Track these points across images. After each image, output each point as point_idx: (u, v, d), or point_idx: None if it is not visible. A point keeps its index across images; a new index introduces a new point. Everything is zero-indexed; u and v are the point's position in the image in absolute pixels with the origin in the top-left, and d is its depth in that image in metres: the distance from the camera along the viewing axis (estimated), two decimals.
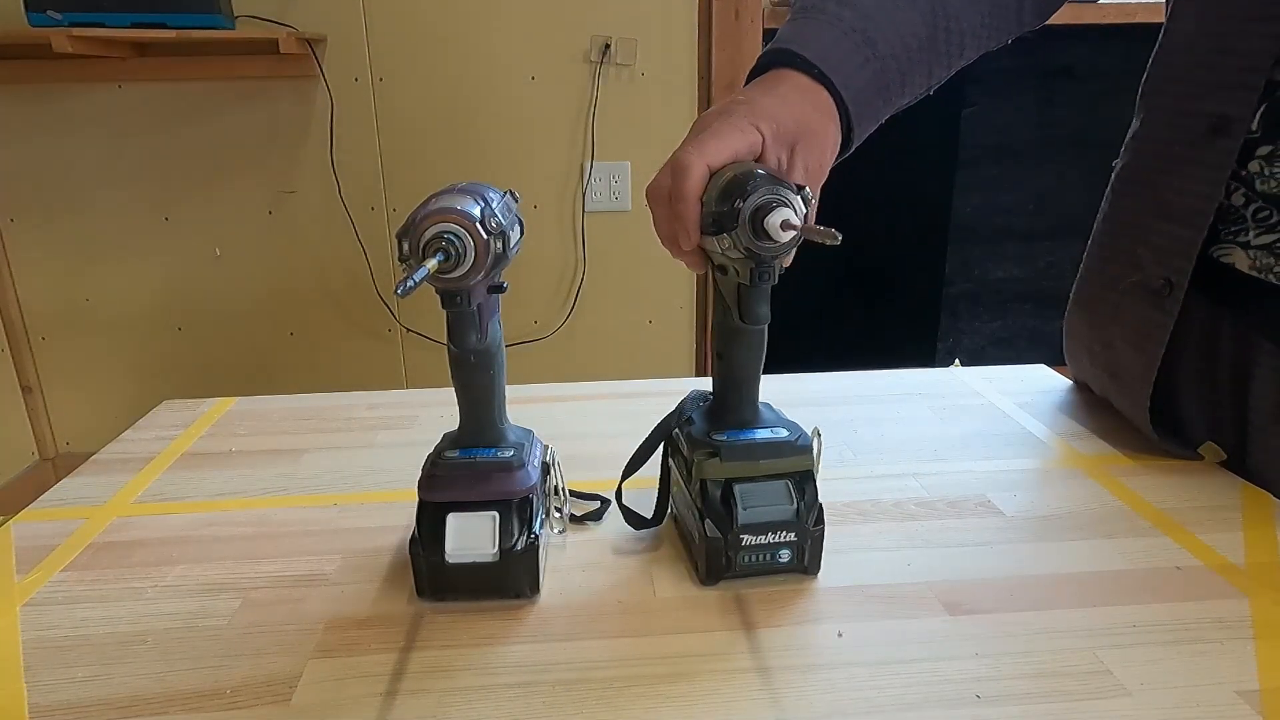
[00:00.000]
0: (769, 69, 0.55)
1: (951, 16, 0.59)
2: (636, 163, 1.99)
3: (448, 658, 0.45)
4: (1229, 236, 0.61)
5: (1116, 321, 0.68)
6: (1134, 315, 0.66)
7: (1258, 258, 0.59)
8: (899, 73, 0.57)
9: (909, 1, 0.57)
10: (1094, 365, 0.73)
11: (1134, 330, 0.66)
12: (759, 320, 0.49)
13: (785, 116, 0.51)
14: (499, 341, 0.50)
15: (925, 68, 0.60)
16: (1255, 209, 0.59)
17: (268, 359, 2.07)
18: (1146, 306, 0.65)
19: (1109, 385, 0.72)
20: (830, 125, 0.53)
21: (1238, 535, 0.55)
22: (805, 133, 0.51)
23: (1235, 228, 0.61)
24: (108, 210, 1.93)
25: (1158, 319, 0.64)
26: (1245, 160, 0.59)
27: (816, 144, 0.52)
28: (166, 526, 0.59)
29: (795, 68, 0.54)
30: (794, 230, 0.43)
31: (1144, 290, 0.65)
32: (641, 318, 2.11)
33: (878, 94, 0.57)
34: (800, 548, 0.49)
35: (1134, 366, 0.66)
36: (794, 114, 0.51)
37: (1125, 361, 0.68)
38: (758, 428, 0.51)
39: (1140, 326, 0.66)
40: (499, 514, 0.48)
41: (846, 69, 0.54)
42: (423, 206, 0.44)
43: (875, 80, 0.56)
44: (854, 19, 0.55)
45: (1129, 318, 0.67)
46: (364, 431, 0.74)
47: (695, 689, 0.42)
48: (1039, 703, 0.41)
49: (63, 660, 0.45)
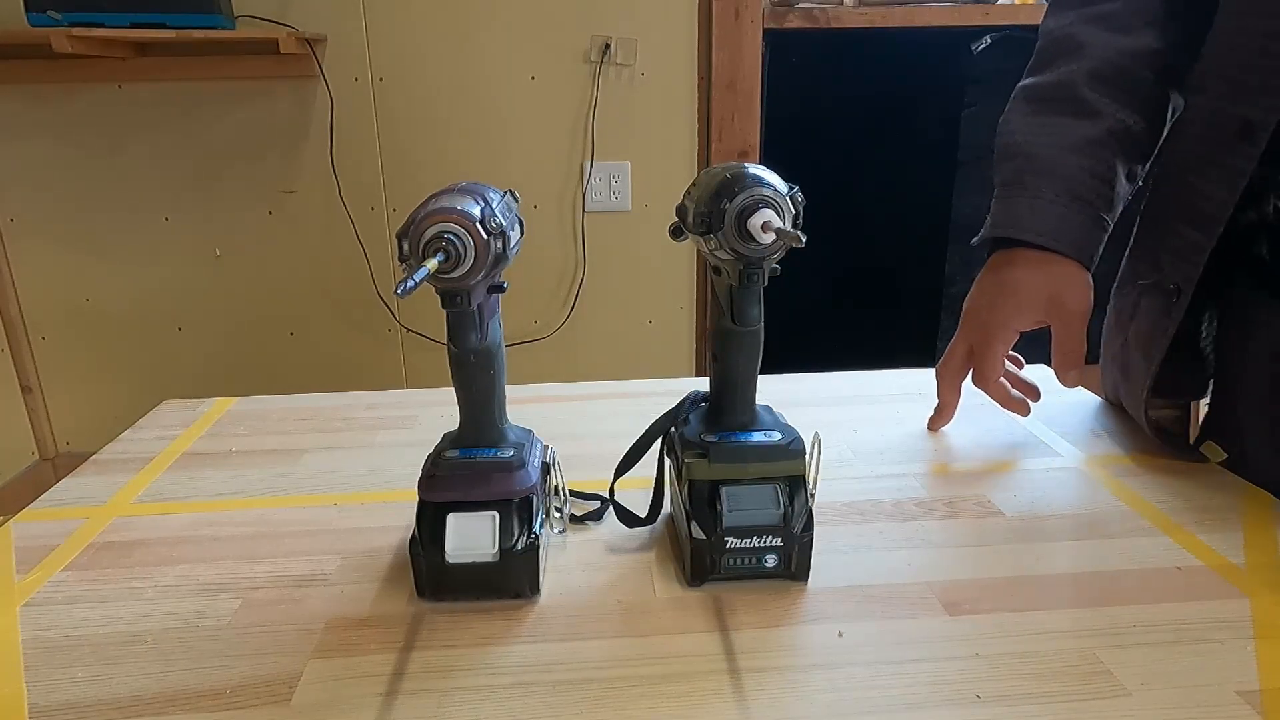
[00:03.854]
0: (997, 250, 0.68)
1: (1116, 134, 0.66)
2: (636, 163, 1.99)
3: (448, 658, 0.45)
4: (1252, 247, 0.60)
5: (1134, 320, 0.68)
6: (1147, 316, 0.65)
7: None
8: (1108, 199, 0.65)
9: (1090, 143, 0.65)
10: (1112, 363, 0.72)
11: (1144, 331, 0.66)
12: (750, 322, 0.49)
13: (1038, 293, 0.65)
14: (499, 341, 0.50)
15: (1126, 169, 0.67)
16: None
17: (268, 359, 2.07)
18: (1158, 309, 0.64)
19: (1120, 383, 0.71)
20: (1075, 278, 0.65)
21: (1238, 535, 0.55)
22: (1058, 293, 0.65)
23: (1262, 236, 0.59)
24: (108, 210, 1.93)
25: (1164, 324, 0.63)
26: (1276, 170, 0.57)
27: (1070, 294, 0.64)
28: (166, 526, 0.59)
29: (1024, 246, 0.65)
30: (775, 232, 0.43)
31: (1158, 292, 0.64)
32: (641, 318, 2.11)
33: (1097, 225, 0.65)
34: (787, 553, 0.49)
35: (1140, 366, 0.66)
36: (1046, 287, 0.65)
37: (1134, 361, 0.67)
38: (752, 430, 0.51)
39: (1150, 328, 0.65)
40: (499, 514, 0.48)
41: (1070, 234, 0.64)
42: (423, 206, 0.44)
43: (1090, 218, 0.65)
44: (1051, 185, 0.65)
45: (1143, 318, 0.66)
46: (364, 431, 0.74)
47: (695, 689, 0.42)
48: (1039, 703, 0.41)
49: (63, 660, 0.45)
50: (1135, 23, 0.66)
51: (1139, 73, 0.65)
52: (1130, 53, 0.66)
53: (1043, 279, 0.65)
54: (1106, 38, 0.66)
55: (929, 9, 1.93)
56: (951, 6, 1.94)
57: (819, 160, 2.11)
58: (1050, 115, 0.67)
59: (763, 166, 0.47)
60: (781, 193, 0.45)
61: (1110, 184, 0.65)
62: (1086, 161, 0.65)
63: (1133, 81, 0.66)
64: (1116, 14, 0.67)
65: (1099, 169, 0.65)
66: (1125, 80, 0.66)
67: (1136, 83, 0.66)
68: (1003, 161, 0.68)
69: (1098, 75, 0.66)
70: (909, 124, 2.14)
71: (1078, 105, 0.66)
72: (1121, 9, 0.67)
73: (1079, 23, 0.68)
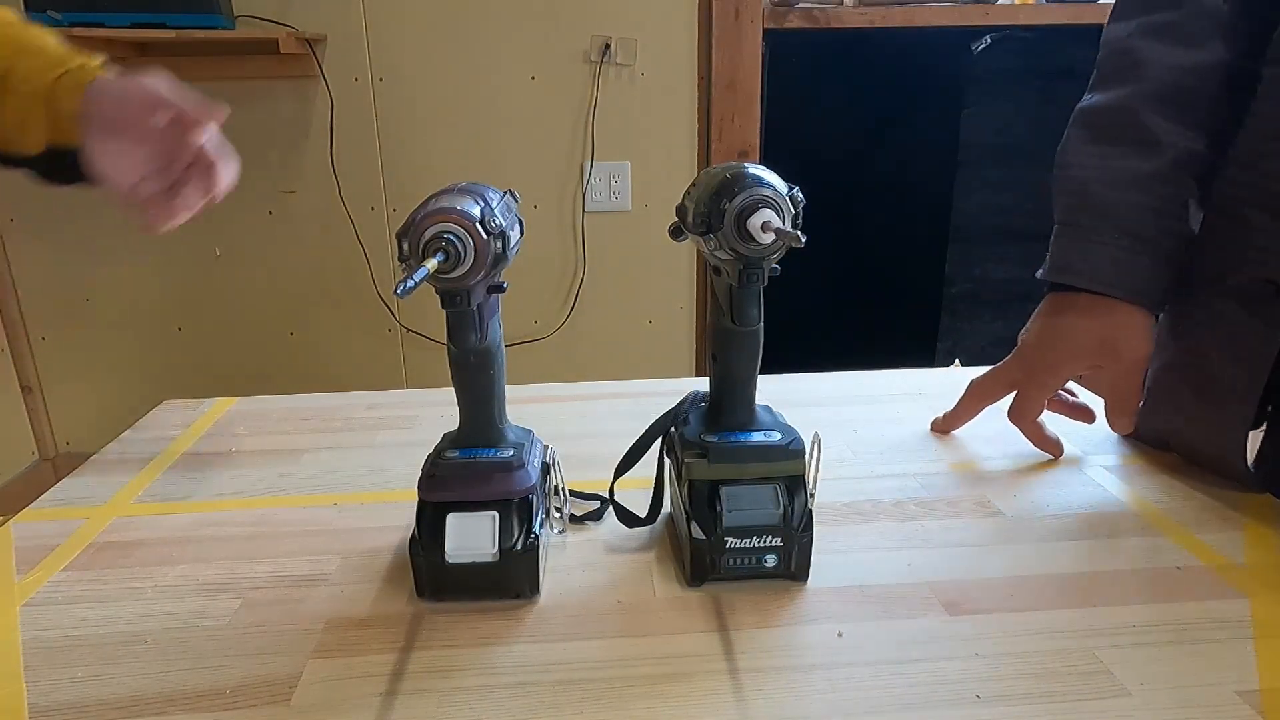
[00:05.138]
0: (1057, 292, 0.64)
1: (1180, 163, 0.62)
2: (636, 163, 1.99)
3: (447, 658, 0.45)
4: None
5: (1214, 330, 0.61)
6: (1234, 322, 0.59)
7: None
8: (1174, 233, 0.62)
9: (1152, 177, 0.61)
10: (1184, 383, 0.64)
11: (1235, 340, 0.59)
12: (750, 322, 0.49)
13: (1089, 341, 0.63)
14: (499, 341, 0.50)
15: (1189, 195, 0.62)
16: None
17: (268, 359, 2.07)
18: (1244, 311, 0.58)
19: (1191, 405, 0.63)
20: (1133, 324, 0.61)
21: (1238, 535, 0.55)
22: (1112, 340, 0.62)
23: None
24: (108, 210, 1.92)
25: (1258, 329, 0.57)
26: None
27: (1126, 341, 0.61)
28: (166, 526, 0.59)
29: (1084, 291, 0.62)
30: (775, 232, 0.43)
31: (1240, 292, 0.58)
32: (641, 318, 2.11)
33: (1166, 263, 0.61)
34: (787, 553, 0.49)
35: (1237, 385, 0.59)
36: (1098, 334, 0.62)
37: (1224, 379, 0.60)
38: (752, 430, 0.51)
39: (1243, 336, 0.58)
40: (499, 514, 0.48)
41: (1128, 279, 0.61)
42: (423, 206, 0.44)
43: (1153, 258, 0.61)
44: (1108, 226, 0.61)
45: (1228, 326, 0.59)
46: (364, 431, 0.74)
47: (695, 689, 0.42)
48: (1039, 703, 0.41)
49: (63, 660, 0.45)
50: (1199, 33, 0.61)
51: (1204, 89, 0.61)
52: (1194, 69, 0.61)
53: (1096, 326, 0.62)
54: (1169, 53, 0.62)
55: (929, 9, 1.93)
56: (951, 6, 1.94)
57: (819, 160, 2.10)
58: (1108, 145, 0.63)
59: (763, 166, 0.47)
60: (781, 193, 0.45)
61: (1178, 218, 0.61)
62: (1149, 199, 0.61)
63: (1198, 99, 0.61)
64: (1179, 24, 0.62)
65: (1164, 205, 0.61)
66: (1189, 99, 0.61)
67: (1202, 100, 0.61)
68: (1060, 195, 0.65)
69: (1159, 97, 0.62)
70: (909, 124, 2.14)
71: (1138, 134, 0.62)
72: (1184, 18, 0.62)
73: (1139, 35, 0.63)
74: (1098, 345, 0.62)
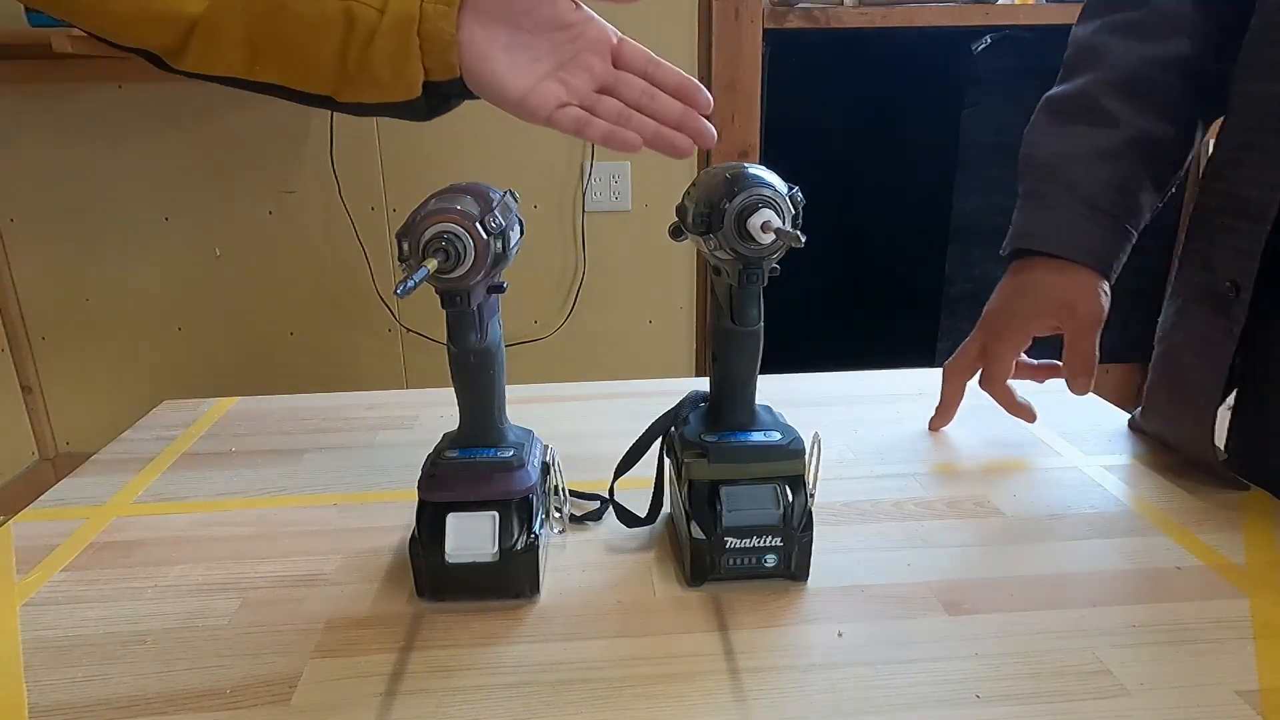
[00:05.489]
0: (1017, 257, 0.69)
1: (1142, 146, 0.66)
2: (636, 163, 1.99)
3: (448, 658, 0.45)
4: None
5: (1186, 332, 0.64)
6: (1202, 324, 0.62)
7: None
8: (1129, 208, 0.66)
9: (1108, 154, 0.66)
10: (1163, 382, 0.67)
11: (1203, 341, 0.61)
12: (750, 322, 0.49)
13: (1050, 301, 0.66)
14: (499, 341, 0.50)
15: (1154, 181, 0.67)
16: None
17: (268, 359, 2.07)
18: (1211, 312, 0.61)
19: (1167, 405, 0.66)
20: (1089, 286, 0.65)
21: (1238, 535, 0.55)
22: (1069, 300, 0.65)
23: None
24: (108, 210, 1.92)
25: (1222, 327, 0.59)
26: None
27: (1083, 301, 0.65)
28: (166, 526, 0.59)
29: (1044, 255, 0.66)
30: (775, 232, 0.43)
31: (1209, 296, 0.61)
32: (641, 318, 2.11)
33: (1119, 234, 0.66)
34: (787, 553, 0.49)
35: (1201, 384, 0.61)
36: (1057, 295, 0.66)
37: (1193, 379, 0.62)
38: (752, 430, 0.51)
39: (1208, 335, 0.61)
40: (499, 514, 0.48)
41: (1084, 244, 0.65)
42: (423, 206, 0.44)
43: (1109, 229, 0.65)
44: (1068, 196, 0.66)
45: (1199, 327, 0.62)
46: (364, 431, 0.74)
47: (694, 689, 0.42)
48: (1039, 703, 0.41)
49: (63, 660, 0.45)
50: (1162, 30, 0.65)
51: (1163, 80, 0.65)
52: (1154, 60, 0.65)
53: (1055, 287, 0.66)
54: (1130, 46, 0.66)
55: (929, 9, 1.93)
56: (951, 6, 1.94)
57: (819, 160, 2.10)
58: (1069, 126, 0.67)
59: (763, 166, 0.47)
60: (781, 193, 0.45)
61: (1132, 193, 0.65)
62: (1104, 173, 0.65)
63: (1154, 87, 0.65)
64: (1142, 21, 0.66)
65: (1118, 179, 0.65)
66: (1147, 88, 0.65)
67: (1159, 89, 0.65)
68: (1024, 173, 0.69)
69: (1118, 84, 0.66)
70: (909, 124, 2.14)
71: (1097, 115, 0.66)
72: (1147, 16, 0.66)
73: (1103, 31, 0.68)
74: (1057, 304, 0.66)
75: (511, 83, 0.48)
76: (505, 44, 0.47)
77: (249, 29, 0.47)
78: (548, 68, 0.48)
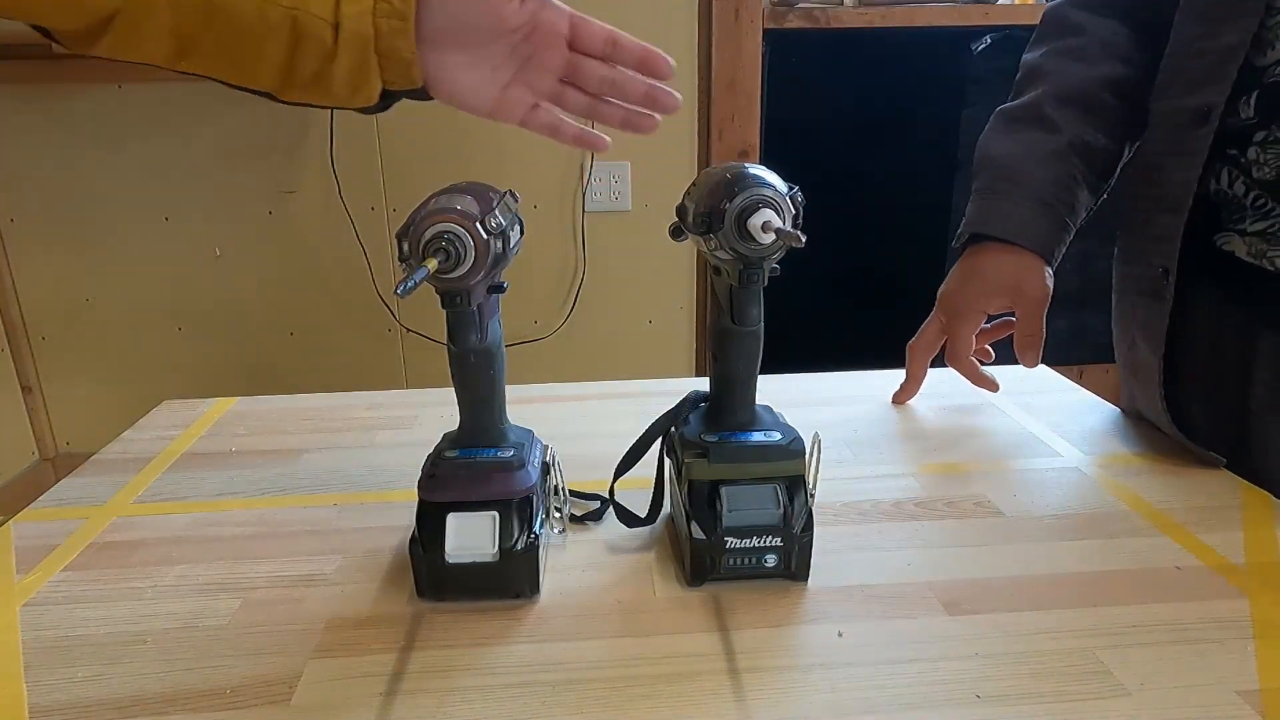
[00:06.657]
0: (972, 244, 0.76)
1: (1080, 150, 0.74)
2: (636, 163, 1.99)
3: (447, 658, 0.45)
4: (1230, 225, 0.64)
5: (1134, 319, 0.71)
6: (1145, 309, 0.69)
7: (1253, 244, 0.62)
8: (1069, 204, 0.73)
9: (1052, 155, 0.73)
10: (1124, 369, 0.75)
11: (1146, 324, 0.69)
12: (750, 322, 0.49)
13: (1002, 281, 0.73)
14: (499, 341, 0.50)
15: (1088, 183, 0.74)
16: (1254, 196, 0.62)
17: (268, 359, 2.07)
18: (1151, 298, 0.67)
19: (1134, 384, 0.73)
20: (1035, 269, 0.72)
21: (1238, 535, 0.55)
22: (1019, 281, 0.73)
23: (1236, 216, 0.63)
24: (108, 210, 1.92)
25: (1160, 309, 0.66)
26: (1244, 147, 0.61)
27: (1030, 282, 0.72)
28: (166, 526, 0.59)
29: (996, 240, 0.73)
30: (775, 232, 0.43)
31: (1148, 282, 0.68)
32: (641, 318, 2.11)
33: (1059, 226, 0.73)
34: (787, 553, 0.49)
35: (1150, 362, 0.68)
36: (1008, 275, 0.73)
37: (1143, 358, 0.70)
38: (752, 430, 0.51)
39: (1149, 319, 0.68)
40: (499, 514, 0.48)
41: (1032, 233, 0.72)
42: (423, 206, 0.44)
43: (1052, 220, 0.73)
44: (1018, 189, 0.73)
45: (1141, 313, 0.70)
46: (364, 431, 0.74)
47: (694, 689, 0.42)
48: (1039, 703, 0.41)
49: (63, 660, 0.45)
50: (1099, 54, 0.74)
51: (1099, 95, 0.73)
52: (1091, 79, 0.74)
53: (1007, 267, 0.73)
54: (1071, 66, 0.75)
55: (929, 9, 1.93)
56: (951, 6, 1.94)
57: (819, 160, 2.10)
58: (1019, 131, 0.76)
59: (763, 166, 0.47)
60: (781, 193, 0.45)
61: (1071, 190, 0.73)
62: (1049, 171, 0.73)
63: (1092, 102, 0.73)
64: (1083, 48, 0.75)
65: (1061, 177, 0.73)
66: (1085, 101, 0.73)
67: (1096, 103, 0.73)
68: (979, 171, 0.77)
69: (1061, 97, 0.74)
70: (909, 124, 2.14)
71: (1042, 122, 0.74)
72: (1088, 43, 0.75)
73: (1050, 55, 0.77)
74: (1009, 284, 0.73)
75: (479, 97, 0.50)
76: (462, 62, 0.48)
77: (176, 23, 0.47)
78: (509, 74, 0.50)
